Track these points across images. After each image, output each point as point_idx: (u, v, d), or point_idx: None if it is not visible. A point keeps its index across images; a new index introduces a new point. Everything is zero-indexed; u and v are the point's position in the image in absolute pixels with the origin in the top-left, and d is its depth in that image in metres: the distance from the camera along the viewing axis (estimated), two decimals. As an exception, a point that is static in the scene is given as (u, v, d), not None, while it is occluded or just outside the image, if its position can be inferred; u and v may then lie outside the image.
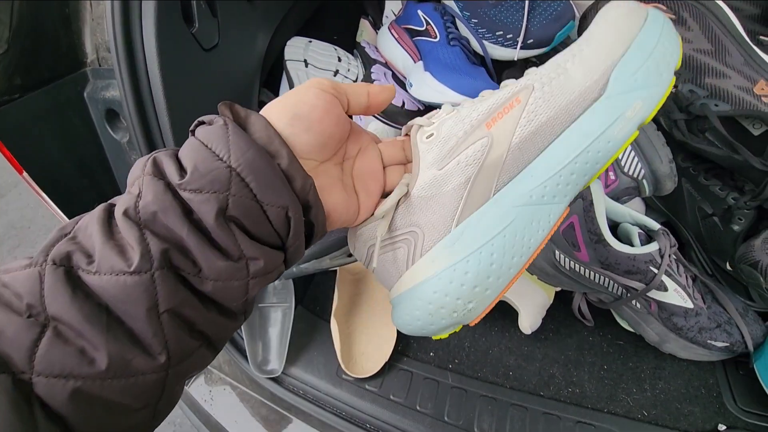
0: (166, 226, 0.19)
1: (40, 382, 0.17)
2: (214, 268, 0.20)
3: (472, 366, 0.54)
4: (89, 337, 0.17)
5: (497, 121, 0.26)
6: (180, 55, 0.45)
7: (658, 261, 0.44)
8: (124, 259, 0.18)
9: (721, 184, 0.52)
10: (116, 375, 0.18)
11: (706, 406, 0.46)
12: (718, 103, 0.47)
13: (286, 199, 0.21)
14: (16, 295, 0.18)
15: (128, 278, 0.18)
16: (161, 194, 0.19)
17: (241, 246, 0.20)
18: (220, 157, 0.20)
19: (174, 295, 0.19)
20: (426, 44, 0.57)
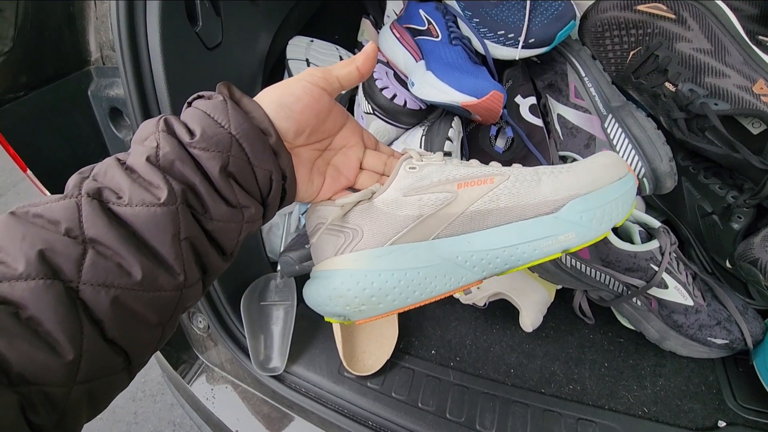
0: (182, 173, 0.24)
1: (86, 290, 0.20)
2: (218, 210, 0.25)
3: (474, 364, 0.54)
4: (125, 255, 0.21)
5: (468, 186, 0.31)
6: (184, 54, 0.45)
7: (658, 259, 0.44)
8: (152, 194, 0.23)
9: (720, 183, 0.53)
10: (146, 288, 0.22)
11: (706, 403, 0.47)
12: (717, 102, 0.47)
13: (271, 165, 0.27)
14: (52, 221, 0.21)
15: (158, 209, 0.22)
16: (177, 148, 0.24)
17: (237, 196, 0.26)
18: (222, 125, 0.25)
19: (191, 227, 0.24)
20: (428, 43, 0.58)
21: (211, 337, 0.62)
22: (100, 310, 0.21)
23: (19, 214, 0.21)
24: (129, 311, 0.22)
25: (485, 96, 0.49)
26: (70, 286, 0.20)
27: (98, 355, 0.21)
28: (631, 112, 0.53)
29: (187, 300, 0.25)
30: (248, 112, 0.26)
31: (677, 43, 0.50)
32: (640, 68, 0.53)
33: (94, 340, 0.20)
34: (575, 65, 0.58)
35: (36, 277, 0.19)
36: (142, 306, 0.22)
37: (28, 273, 0.19)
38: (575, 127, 0.56)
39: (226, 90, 0.27)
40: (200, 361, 0.65)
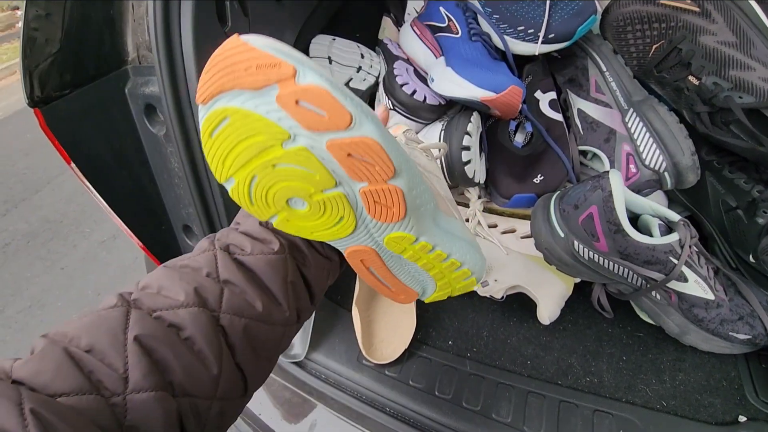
0: (287, 234, 0.30)
1: (225, 318, 0.26)
2: (315, 259, 0.32)
3: (491, 355, 0.55)
4: (249, 292, 0.27)
5: None
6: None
7: (678, 252, 0.44)
8: (268, 246, 0.29)
9: (745, 177, 0.52)
10: (265, 319, 0.28)
11: (726, 398, 0.46)
12: (742, 95, 0.47)
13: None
14: (195, 269, 0.28)
15: (272, 257, 0.29)
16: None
17: (325, 248, 0.33)
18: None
19: (295, 272, 0.30)
20: (448, 40, 0.59)
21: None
22: (233, 335, 0.26)
23: (171, 266, 0.28)
24: (251, 340, 0.27)
25: (504, 91, 0.50)
26: (213, 314, 0.26)
27: (231, 375, 0.26)
28: (653, 106, 0.53)
29: (286, 338, 0.31)
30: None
31: (701, 36, 0.49)
32: (663, 62, 0.53)
33: (229, 361, 0.26)
34: (596, 60, 0.58)
35: (193, 305, 0.25)
36: (260, 337, 0.28)
37: (187, 302, 0.25)
38: (595, 122, 0.56)
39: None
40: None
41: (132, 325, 0.23)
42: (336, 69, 0.66)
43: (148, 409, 0.21)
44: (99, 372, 0.21)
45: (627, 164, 0.54)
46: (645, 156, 0.52)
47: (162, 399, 0.22)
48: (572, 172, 0.56)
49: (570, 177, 0.57)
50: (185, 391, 0.23)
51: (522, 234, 0.58)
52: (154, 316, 0.24)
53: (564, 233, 0.48)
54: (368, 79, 0.67)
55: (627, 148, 0.53)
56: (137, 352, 0.22)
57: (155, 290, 0.26)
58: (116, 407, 0.21)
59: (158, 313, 0.24)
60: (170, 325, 0.24)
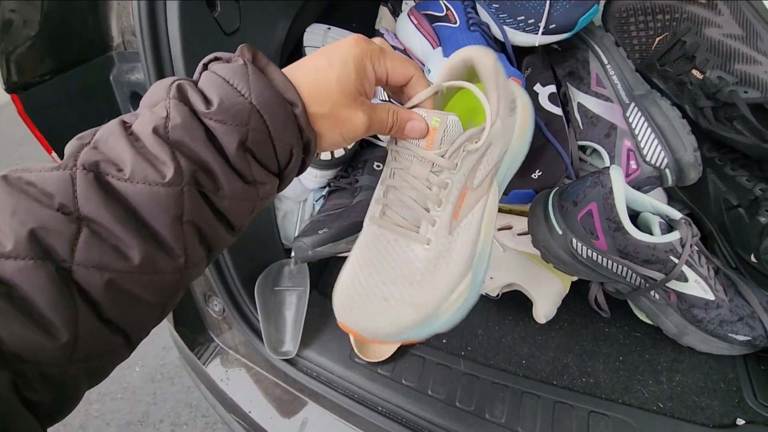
0: (193, 149, 0.22)
1: (80, 271, 0.19)
2: (233, 188, 0.23)
3: (485, 354, 0.54)
4: (122, 236, 0.20)
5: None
6: (202, 39, 0.45)
7: (678, 251, 0.43)
8: (157, 172, 0.21)
9: (748, 175, 0.51)
10: (144, 271, 0.21)
11: (724, 400, 0.45)
12: (747, 90, 0.45)
13: (293, 139, 0.25)
14: (44, 194, 0.19)
15: (161, 189, 0.21)
16: (189, 119, 0.22)
17: (254, 172, 0.24)
18: (242, 93, 0.23)
19: (197, 208, 0.22)
20: (446, 30, 0.57)
21: (226, 320, 0.64)
22: (95, 292, 0.20)
23: (12, 179, 0.19)
24: (126, 293, 0.21)
25: (503, 83, 0.48)
26: (62, 266, 0.19)
27: (95, 335, 0.20)
28: (655, 101, 0.51)
29: (188, 279, 0.24)
30: (272, 79, 0.24)
31: (706, 28, 0.48)
32: (666, 55, 0.52)
33: (89, 322, 0.20)
34: (597, 52, 0.56)
35: (26, 257, 0.18)
36: (140, 288, 0.21)
37: (17, 252, 0.18)
38: (596, 116, 0.55)
39: (249, 53, 0.24)
40: (215, 343, 0.67)
41: None
42: (330, 59, 0.64)
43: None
44: None
45: (627, 160, 0.52)
46: (646, 152, 0.50)
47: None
48: (571, 167, 0.55)
49: (569, 173, 0.55)
50: (22, 359, 0.18)
51: (519, 231, 0.57)
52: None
53: (562, 231, 0.47)
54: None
55: (628, 143, 0.52)
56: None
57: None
58: None
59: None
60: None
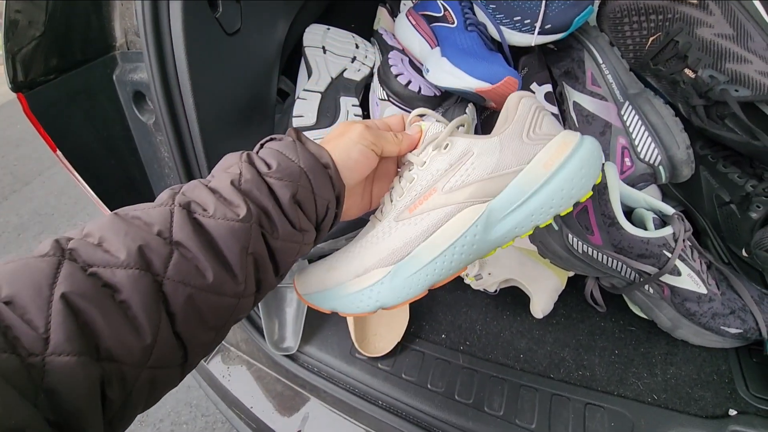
0: (258, 197, 0.28)
1: (168, 284, 0.24)
2: (285, 230, 0.29)
3: (483, 348, 0.55)
4: (202, 259, 0.25)
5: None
6: (204, 39, 0.46)
7: (672, 245, 0.44)
8: (233, 211, 0.27)
9: (740, 172, 0.52)
10: (215, 290, 0.25)
11: (717, 392, 0.46)
12: (738, 88, 0.46)
13: (330, 195, 0.32)
14: (147, 223, 0.25)
15: (236, 224, 0.26)
16: (256, 176, 0.29)
17: (300, 220, 0.30)
18: (293, 160, 0.30)
19: (258, 243, 0.28)
20: (443, 30, 0.58)
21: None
22: (175, 304, 0.24)
23: (122, 214, 0.25)
24: (197, 311, 0.25)
25: (499, 82, 0.49)
26: (156, 279, 0.23)
27: (167, 344, 0.24)
28: (649, 99, 0.52)
29: (240, 310, 0.28)
30: (309, 149, 0.32)
31: (698, 28, 0.49)
32: (660, 54, 0.53)
33: (166, 330, 0.23)
34: (593, 52, 0.57)
35: (134, 267, 0.23)
36: (207, 307, 0.25)
37: (128, 263, 0.22)
38: (591, 115, 0.56)
39: (294, 134, 0.33)
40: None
41: (61, 281, 0.21)
42: (330, 59, 0.65)
43: (68, 374, 0.19)
44: (17, 328, 0.19)
45: (622, 157, 0.53)
46: (640, 149, 0.51)
47: (85, 364, 0.20)
48: (567, 165, 0.56)
49: (565, 170, 0.56)
50: (112, 357, 0.21)
51: (516, 227, 0.58)
52: (89, 272, 0.22)
53: (558, 226, 0.48)
54: (363, 70, 0.66)
55: (622, 141, 0.53)
56: (62, 312, 0.20)
57: (96, 241, 0.23)
58: (33, 368, 0.19)
59: (94, 269, 0.22)
60: (105, 285, 0.22)
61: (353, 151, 0.33)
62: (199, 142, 0.48)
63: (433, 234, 0.33)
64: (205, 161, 0.49)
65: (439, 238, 0.33)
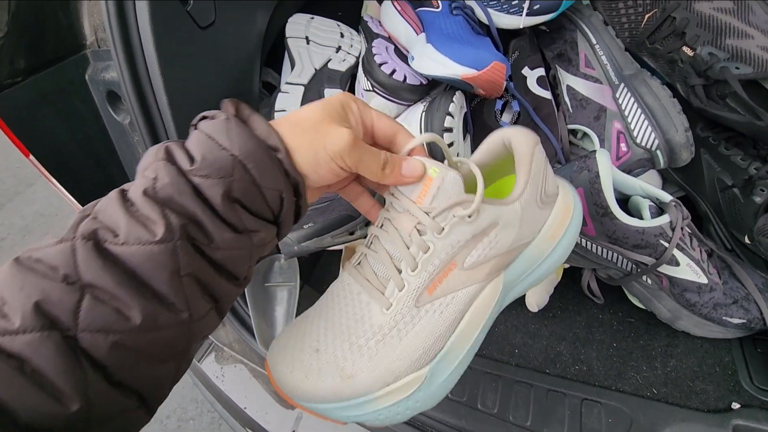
0: (182, 204, 0.22)
1: (84, 337, 0.20)
2: (224, 239, 0.23)
3: (477, 343, 0.54)
4: (123, 298, 0.20)
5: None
6: (176, 34, 0.44)
7: (669, 234, 0.42)
8: (148, 231, 0.21)
9: (742, 154, 0.49)
10: (147, 329, 0.21)
11: (719, 384, 0.45)
12: (739, 65, 0.44)
13: (281, 184, 0.25)
14: (51, 267, 0.20)
15: (154, 247, 0.21)
16: (176, 178, 0.23)
17: (244, 221, 0.24)
18: (224, 146, 0.23)
19: (192, 262, 0.22)
20: (428, 15, 0.55)
21: (219, 317, 0.64)
22: (101, 356, 0.20)
23: (22, 260, 0.21)
24: (131, 353, 0.21)
25: (486, 67, 0.47)
26: (68, 335, 0.20)
27: (106, 399, 0.20)
28: (645, 80, 0.50)
29: (199, 333, 0.24)
30: (254, 129, 0.24)
31: (696, 2, 0.46)
32: (656, 32, 0.50)
33: (98, 386, 0.20)
34: (586, 32, 0.55)
35: (33, 329, 0.19)
36: (146, 346, 0.21)
37: (24, 327, 0.19)
38: (585, 99, 0.54)
39: (232, 107, 0.25)
40: (210, 340, 0.67)
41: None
42: (314, 50, 0.63)
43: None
44: None
45: (618, 143, 0.51)
46: (636, 134, 0.49)
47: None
48: (561, 152, 0.54)
49: (559, 157, 0.54)
50: (34, 429, 0.18)
51: (509, 219, 0.56)
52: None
53: (551, 217, 0.46)
54: (348, 60, 0.63)
55: (618, 125, 0.51)
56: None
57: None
58: None
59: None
60: (10, 355, 0.18)
61: (322, 167, 0.26)
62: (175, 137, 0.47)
63: (461, 321, 0.28)
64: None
65: (469, 327, 0.29)
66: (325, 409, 0.27)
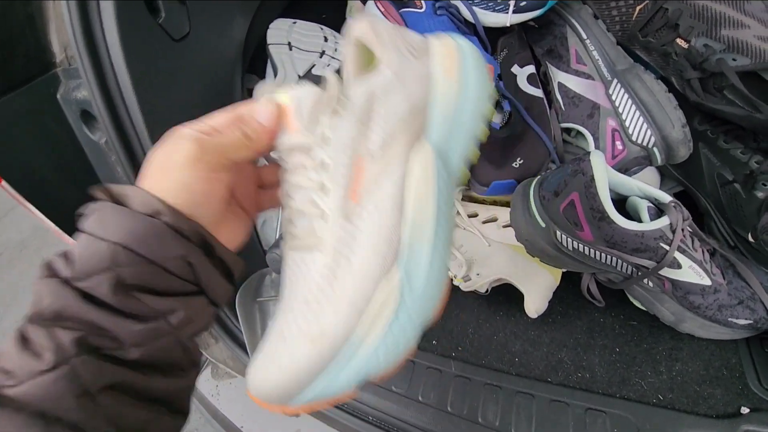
0: (72, 315, 0.20)
1: None
2: (132, 333, 0.20)
3: (476, 353, 0.52)
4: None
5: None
6: (148, 49, 0.43)
7: (669, 237, 0.40)
8: (39, 361, 0.19)
9: (743, 147, 0.47)
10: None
11: (727, 388, 0.43)
12: (736, 57, 0.42)
13: (179, 248, 0.22)
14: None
15: (47, 376, 0.19)
16: (58, 290, 0.20)
17: (151, 305, 0.21)
18: (101, 237, 0.21)
19: (103, 374, 0.20)
20: (412, 15, 0.54)
21: (211, 333, 0.62)
22: None
23: None
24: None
25: (473, 69, 0.45)
26: None
27: None
28: (639, 75, 0.48)
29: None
30: (132, 204, 0.21)
31: (689, -8, 0.44)
32: (649, 24, 0.48)
33: None
34: (576, 27, 0.53)
35: None
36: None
37: None
38: (577, 96, 0.52)
39: (102, 193, 0.23)
40: (204, 357, 0.65)
41: None
42: (296, 55, 0.61)
43: None
44: None
45: (613, 141, 0.49)
46: (632, 131, 0.47)
47: None
48: (554, 153, 0.52)
49: (552, 158, 0.53)
50: None
51: (504, 222, 0.54)
52: None
53: (545, 223, 0.44)
54: (333, 64, 0.62)
55: (612, 123, 0.49)
56: None
57: None
58: None
59: None
60: None
61: (191, 182, 0.23)
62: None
63: (406, 209, 0.25)
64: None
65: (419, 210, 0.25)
66: (315, 387, 0.23)
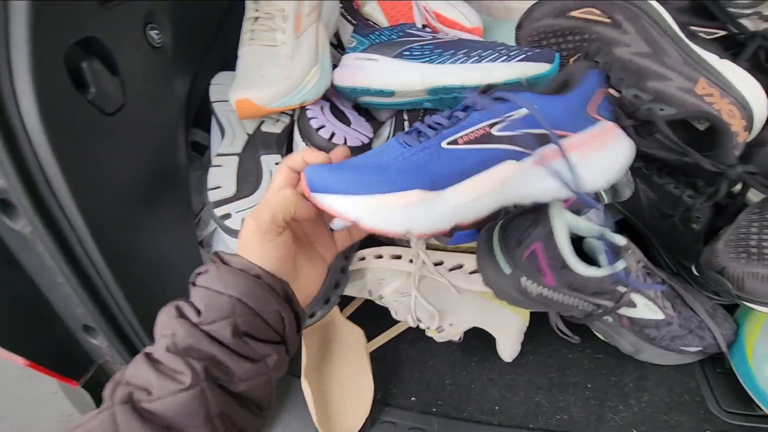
0: (200, 349, 0.26)
1: None
2: (244, 370, 0.27)
3: (457, 406, 0.51)
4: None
5: None
6: (77, 129, 0.39)
7: (625, 279, 0.42)
8: (177, 382, 0.24)
9: (675, 182, 0.52)
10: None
11: (691, 414, 0.46)
12: (663, 107, 0.46)
13: (275, 304, 0.29)
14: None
15: (185, 394, 0.24)
16: (190, 329, 0.26)
17: (256, 349, 0.28)
18: (221, 292, 0.28)
19: (220, 401, 0.25)
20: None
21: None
22: None
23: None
24: None
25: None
26: None
27: None
28: (579, 123, 0.51)
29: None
30: (236, 268, 0.29)
31: (615, 48, 0.48)
32: (582, 75, 0.51)
33: None
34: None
35: None
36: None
37: None
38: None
39: (216, 258, 0.30)
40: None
41: None
42: (243, 112, 0.59)
43: None
44: None
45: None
46: (579, 175, 0.50)
47: None
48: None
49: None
50: None
51: (470, 269, 0.55)
52: None
53: (510, 269, 0.45)
54: (282, 119, 0.60)
55: (560, 168, 0.51)
56: None
57: None
58: None
59: None
60: None
61: (266, 248, 0.30)
62: (91, 242, 0.41)
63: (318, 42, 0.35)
64: (104, 263, 0.42)
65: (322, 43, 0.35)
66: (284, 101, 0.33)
